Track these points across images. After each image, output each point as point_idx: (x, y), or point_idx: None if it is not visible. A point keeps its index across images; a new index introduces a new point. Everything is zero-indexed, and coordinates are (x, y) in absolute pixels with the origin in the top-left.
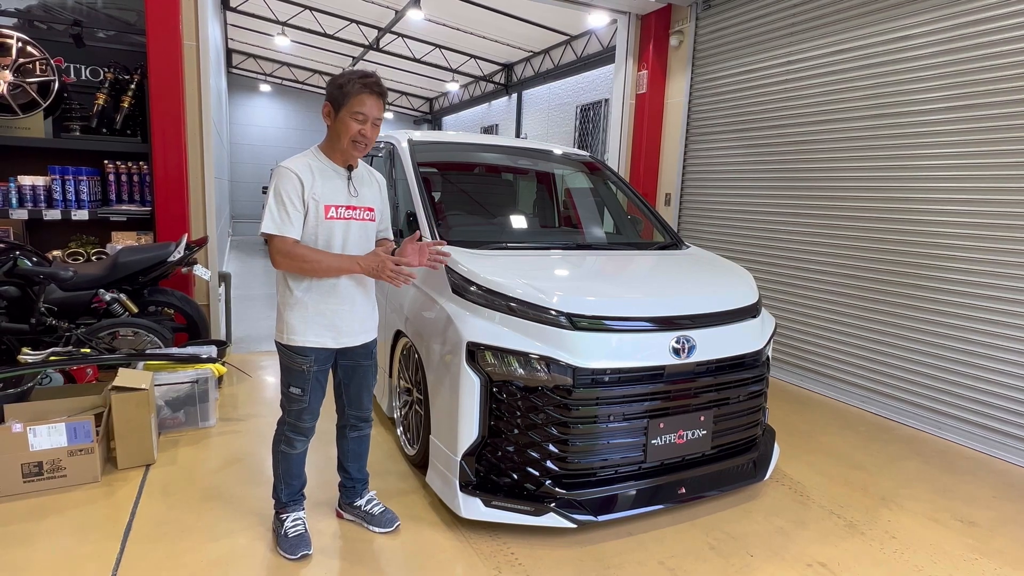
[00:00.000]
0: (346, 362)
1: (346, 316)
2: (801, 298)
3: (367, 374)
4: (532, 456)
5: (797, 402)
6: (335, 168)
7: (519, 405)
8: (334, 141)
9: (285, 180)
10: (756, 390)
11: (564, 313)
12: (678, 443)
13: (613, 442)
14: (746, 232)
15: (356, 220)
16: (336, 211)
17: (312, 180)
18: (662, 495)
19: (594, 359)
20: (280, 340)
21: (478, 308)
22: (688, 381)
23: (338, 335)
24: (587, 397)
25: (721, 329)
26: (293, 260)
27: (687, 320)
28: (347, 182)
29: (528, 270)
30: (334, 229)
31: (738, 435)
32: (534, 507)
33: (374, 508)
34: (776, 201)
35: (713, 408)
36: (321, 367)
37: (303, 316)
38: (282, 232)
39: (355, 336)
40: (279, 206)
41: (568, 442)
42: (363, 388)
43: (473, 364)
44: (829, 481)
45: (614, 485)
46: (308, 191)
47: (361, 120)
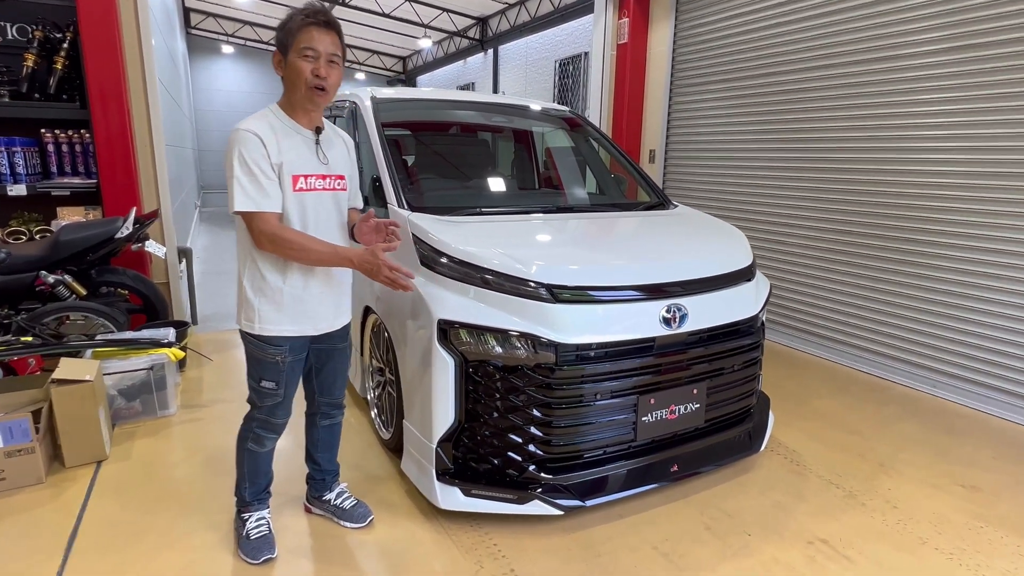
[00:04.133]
0: (321, 346)
1: (326, 299)
2: (791, 256)
3: (342, 358)
4: (513, 440)
5: (789, 364)
6: (299, 130)
7: (498, 386)
8: (291, 93)
9: (249, 145)
10: (751, 358)
11: (544, 285)
12: (670, 419)
13: (600, 422)
14: (733, 188)
15: (328, 191)
16: (306, 181)
17: (277, 144)
18: (654, 474)
19: (578, 334)
20: (249, 330)
21: (450, 282)
22: (680, 353)
23: (317, 321)
24: (572, 375)
25: (714, 295)
26: (279, 245)
27: (678, 287)
28: (316, 147)
29: (504, 238)
30: (305, 204)
31: (733, 407)
32: (517, 495)
33: (345, 502)
34: (765, 154)
35: (706, 380)
36: (297, 356)
37: (278, 303)
38: (261, 208)
39: (333, 319)
40: (249, 177)
41: (552, 424)
42: (337, 373)
43: (446, 344)
44: (825, 448)
45: (602, 467)
46: (274, 157)
47: (312, 57)
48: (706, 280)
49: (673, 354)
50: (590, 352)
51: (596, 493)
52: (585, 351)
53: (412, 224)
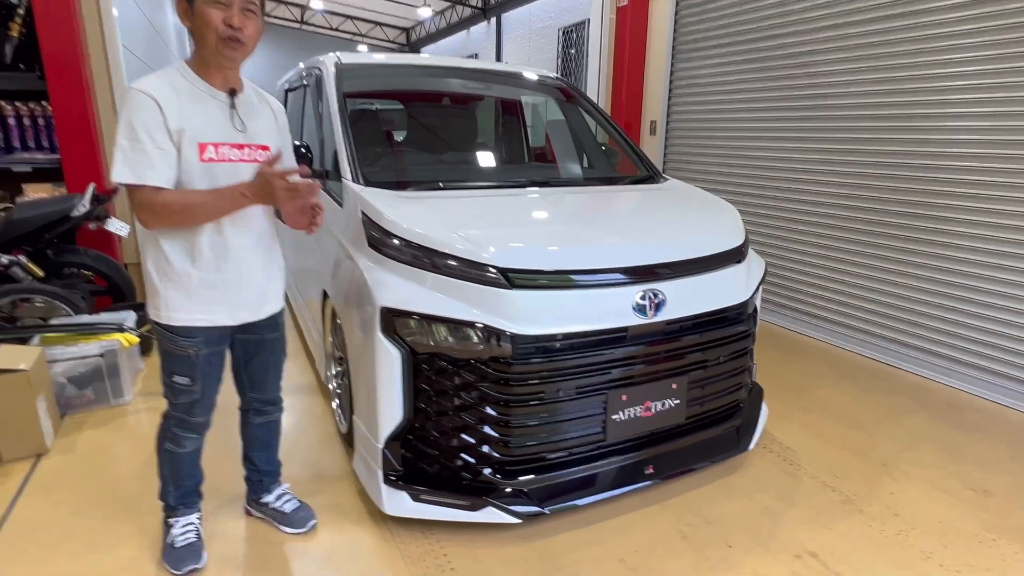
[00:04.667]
0: (248, 337)
1: (245, 285)
2: (797, 232)
3: (273, 350)
4: (467, 441)
5: (790, 349)
6: (211, 91)
7: (449, 382)
8: (200, 48)
9: (140, 110)
10: (740, 349)
11: (499, 268)
12: (645, 416)
13: (564, 421)
14: (738, 160)
15: (245, 162)
16: (216, 151)
17: (178, 106)
18: (625, 477)
19: (538, 324)
20: (156, 319)
21: (397, 265)
22: (657, 344)
23: (235, 309)
24: (530, 370)
25: (698, 279)
26: (162, 215)
27: (655, 270)
28: (230, 111)
29: (460, 215)
30: (216, 176)
31: (718, 402)
32: (469, 501)
33: (285, 505)
34: (773, 124)
35: (687, 373)
36: (214, 349)
37: (186, 289)
38: (142, 179)
39: (256, 308)
40: (133, 144)
41: (509, 424)
42: (268, 367)
43: (391, 334)
44: (824, 445)
45: (567, 470)
46: (174, 122)
47: (223, 3)
48: (689, 262)
49: (649, 345)
50: (552, 344)
51: (558, 499)
52: (546, 343)
53: (361, 200)
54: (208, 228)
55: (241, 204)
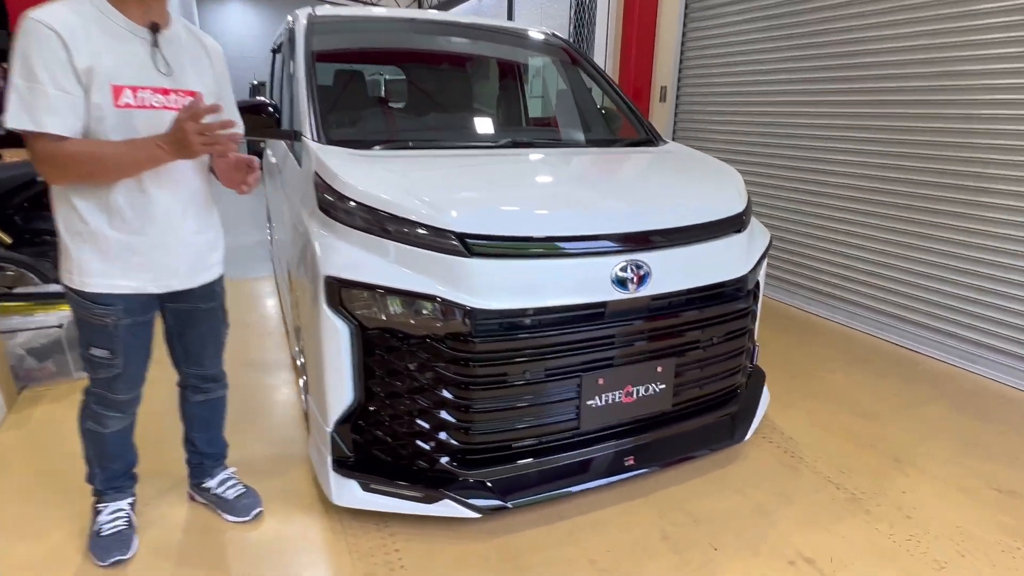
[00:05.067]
0: (178, 306)
1: (174, 250)
2: (813, 205)
3: (210, 321)
4: (423, 427)
5: (799, 330)
6: (129, 26)
7: (403, 361)
8: None
9: (38, 43)
10: (737, 329)
11: (456, 234)
12: (625, 402)
13: (531, 407)
14: (752, 128)
15: (171, 110)
16: (134, 95)
17: (87, 41)
18: (601, 469)
19: (501, 297)
20: (69, 284)
21: (348, 231)
22: (640, 322)
23: (161, 276)
24: (492, 349)
25: (689, 250)
26: (67, 168)
27: (639, 238)
28: (151, 50)
29: (422, 176)
30: (135, 125)
31: (711, 387)
32: (424, 492)
33: (228, 491)
34: (789, 88)
35: (675, 356)
36: (137, 319)
37: (103, 251)
38: (41, 126)
39: (189, 276)
40: (30, 84)
41: (469, 409)
42: (206, 340)
43: (338, 307)
44: (829, 436)
45: (534, 460)
46: (82, 60)
47: None
48: (679, 230)
49: (630, 324)
50: (517, 320)
51: (524, 492)
52: (511, 319)
53: (315, 159)
54: (126, 185)
55: (158, 158)
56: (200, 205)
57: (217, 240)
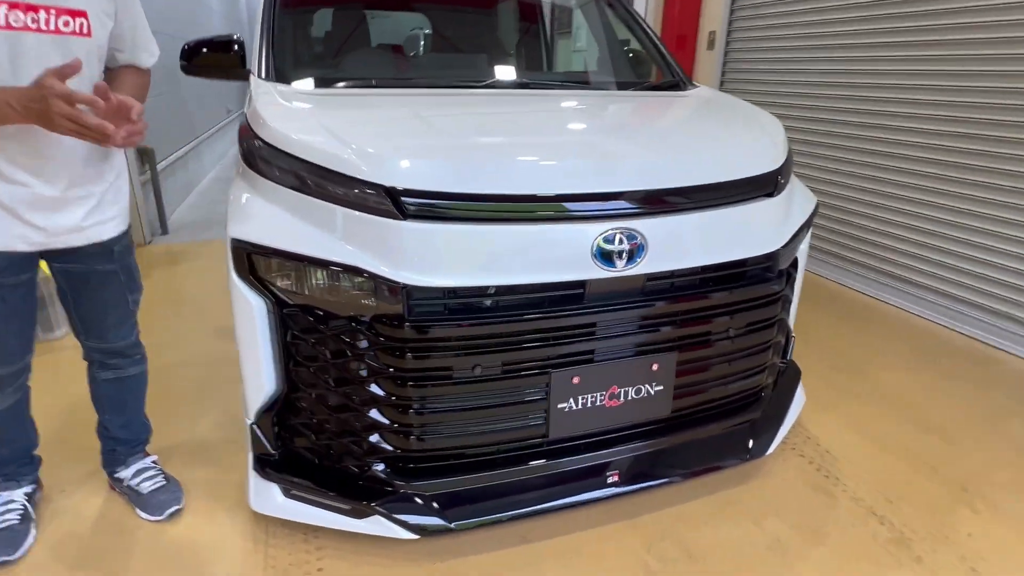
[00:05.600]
0: (68, 266)
1: (49, 201)
2: (877, 169)
3: (109, 286)
4: (353, 426)
5: (854, 315)
6: None
7: (328, 347)
8: None
9: None
10: (764, 319)
11: (387, 189)
12: (610, 406)
13: (484, 409)
14: (809, 78)
15: (32, 31)
16: None
17: None
18: (575, 486)
19: (445, 272)
20: None
21: (268, 186)
22: (630, 307)
23: (30, 230)
24: (433, 338)
25: (700, 217)
26: None
27: (631, 200)
28: None
29: (364, 119)
30: None
31: (724, 390)
32: (351, 505)
33: (144, 483)
34: (855, 29)
35: (676, 351)
36: (6, 280)
37: None
38: None
39: (71, 232)
40: None
41: (406, 408)
42: (106, 308)
43: (250, 277)
44: (878, 452)
45: (489, 472)
46: None
47: None
48: (686, 191)
49: (618, 309)
50: (466, 302)
51: (473, 511)
52: (457, 300)
53: (249, 98)
54: None
55: (6, 116)
56: (87, 151)
57: (113, 194)
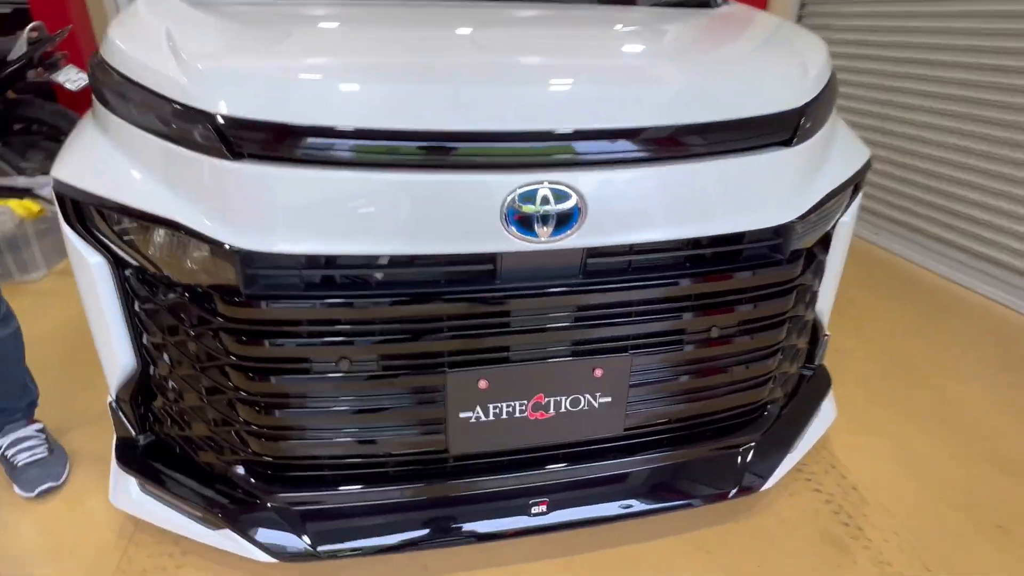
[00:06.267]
0: None
1: None
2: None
3: None
4: (207, 419)
5: (929, 304)
6: None
7: (166, 321)
8: None
9: None
10: (770, 317)
11: (213, 117)
12: (534, 419)
13: (359, 413)
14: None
15: None
16: None
17: None
18: (489, 516)
19: (290, 235)
20: None
21: (108, 118)
22: (563, 293)
23: None
24: (280, 319)
25: (670, 170)
26: None
27: (564, 142)
28: None
29: (224, 28)
30: None
31: (706, 406)
32: (206, 513)
33: (20, 454)
34: None
35: (629, 353)
36: None
37: None
38: None
39: None
40: None
41: (257, 404)
42: None
43: (79, 228)
44: (929, 496)
45: (374, 489)
46: None
47: None
48: (647, 134)
49: (544, 295)
50: (325, 275)
51: (347, 537)
52: (314, 272)
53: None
54: None
55: None
56: None
57: None
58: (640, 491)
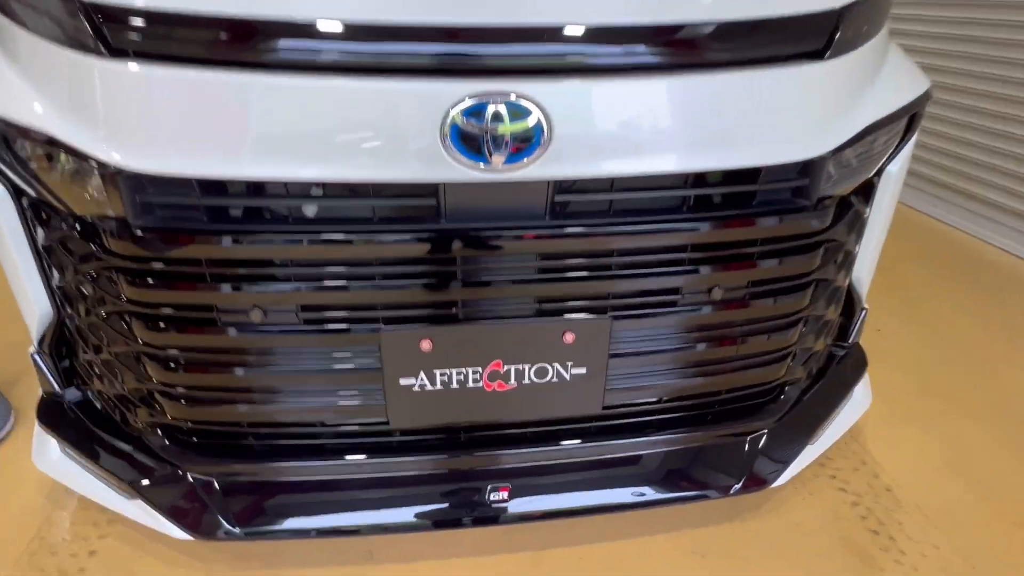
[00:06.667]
0: None
1: None
2: None
3: None
4: (116, 374)
5: (991, 283)
6: None
7: (69, 259)
8: None
9: None
10: (791, 278)
11: (84, 5)
12: (491, 391)
13: (278, 374)
14: None
15: None
16: None
17: None
18: (438, 505)
19: (182, 151)
20: None
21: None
22: (525, 236)
23: None
24: (177, 258)
25: (661, 83)
26: None
27: (522, 43)
28: None
29: None
30: None
31: (706, 383)
32: (119, 481)
33: None
34: None
35: (609, 314)
36: None
37: None
38: None
39: None
40: None
41: (160, 360)
42: None
43: None
44: (978, 504)
45: (303, 462)
46: None
47: None
48: (630, 33)
49: (501, 238)
50: (228, 203)
51: (275, 516)
52: (217, 200)
53: None
54: None
55: None
56: None
57: None
58: (623, 481)
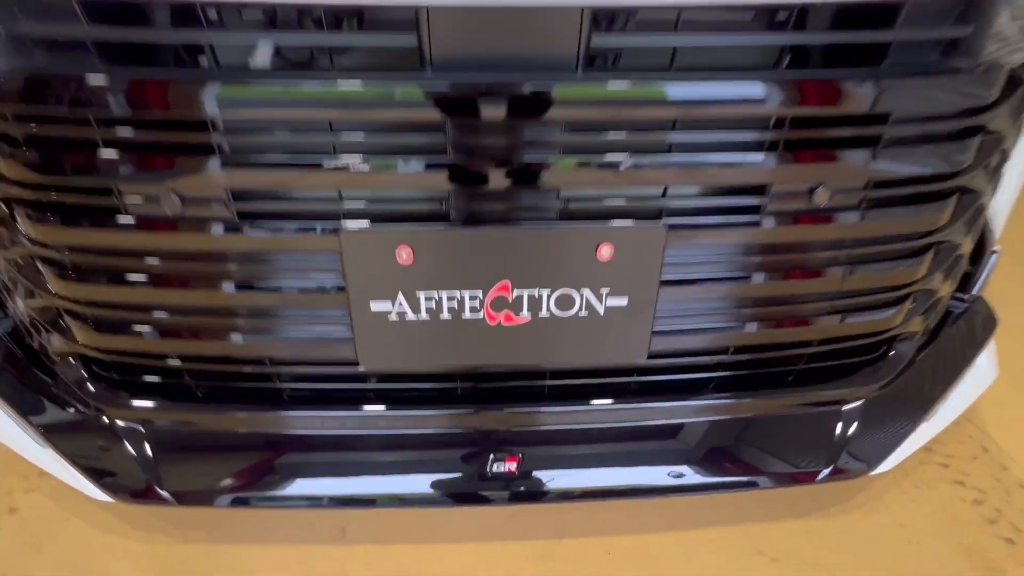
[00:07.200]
0: None
1: None
2: None
3: None
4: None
5: None
6: None
7: None
8: None
9: None
10: (925, 183)
11: None
12: (495, 324)
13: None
14: None
15: None
16: None
17: None
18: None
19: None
20: None
21: None
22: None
23: None
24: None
25: None
26: None
27: None
28: None
29: None
30: None
31: (792, 332)
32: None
33: None
34: None
35: (664, 225)
36: None
37: None
38: None
39: None
40: None
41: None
42: None
43: None
44: None
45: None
46: None
47: None
48: None
49: (510, 99)
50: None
51: (216, 477)
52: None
53: None
54: None
55: None
56: None
57: None
58: (670, 456)
